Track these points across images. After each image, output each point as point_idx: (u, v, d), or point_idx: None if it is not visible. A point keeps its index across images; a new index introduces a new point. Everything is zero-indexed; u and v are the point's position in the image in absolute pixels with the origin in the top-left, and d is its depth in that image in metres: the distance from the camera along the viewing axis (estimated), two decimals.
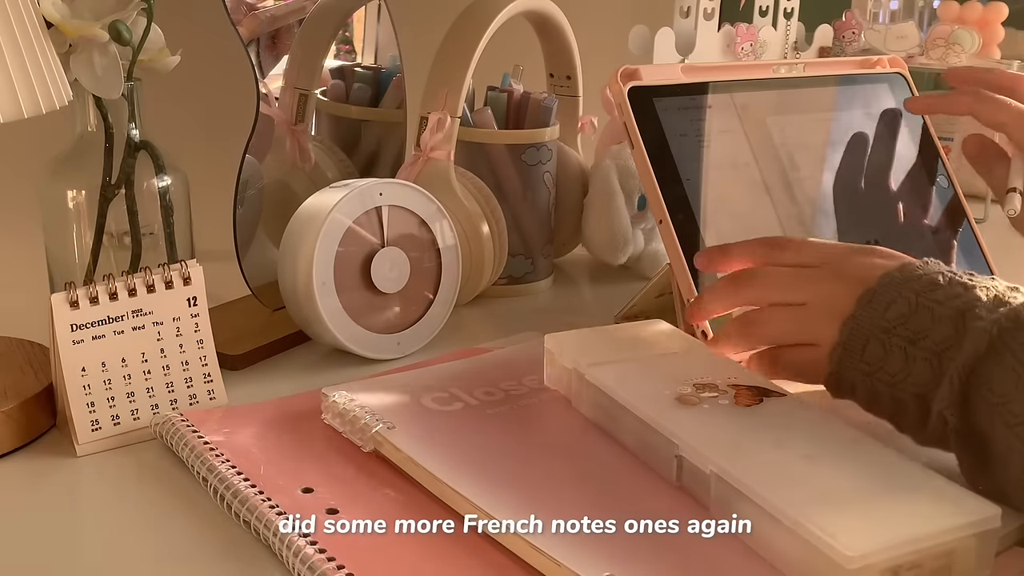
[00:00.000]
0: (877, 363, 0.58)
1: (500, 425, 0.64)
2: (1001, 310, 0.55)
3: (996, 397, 0.53)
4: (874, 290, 0.60)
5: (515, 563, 0.51)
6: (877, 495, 0.51)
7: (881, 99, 0.94)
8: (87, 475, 0.62)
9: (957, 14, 1.31)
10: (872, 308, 0.59)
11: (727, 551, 0.52)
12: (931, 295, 0.58)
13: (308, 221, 0.74)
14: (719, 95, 0.85)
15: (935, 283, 0.58)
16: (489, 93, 0.95)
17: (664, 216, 0.78)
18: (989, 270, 0.92)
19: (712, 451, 0.54)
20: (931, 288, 0.58)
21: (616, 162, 0.97)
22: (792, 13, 1.22)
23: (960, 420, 0.55)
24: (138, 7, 0.69)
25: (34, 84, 0.60)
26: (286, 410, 0.68)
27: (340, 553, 0.51)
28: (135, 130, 0.73)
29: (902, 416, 0.58)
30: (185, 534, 0.56)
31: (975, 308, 0.56)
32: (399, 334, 0.79)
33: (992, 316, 0.55)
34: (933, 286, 0.58)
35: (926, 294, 0.58)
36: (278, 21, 0.89)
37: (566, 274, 1.02)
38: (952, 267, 0.60)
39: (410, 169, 0.86)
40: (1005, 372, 0.53)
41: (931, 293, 0.58)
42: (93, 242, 0.73)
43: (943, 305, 0.57)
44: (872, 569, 0.46)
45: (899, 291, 0.59)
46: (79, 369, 0.63)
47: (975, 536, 0.49)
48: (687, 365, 0.64)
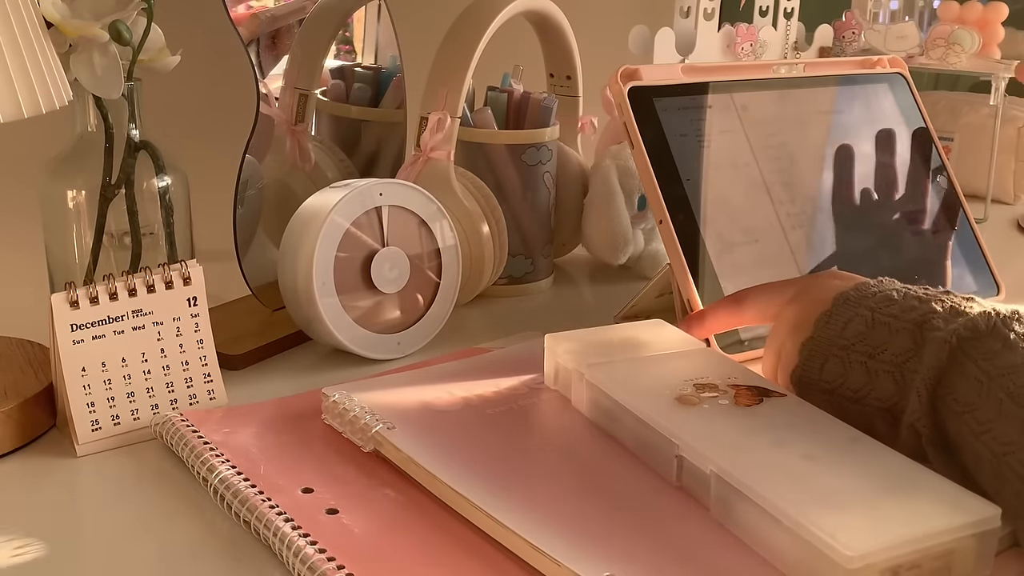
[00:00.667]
0: (838, 380, 0.60)
1: (500, 425, 0.64)
2: (959, 320, 0.56)
3: (960, 406, 0.54)
4: (830, 311, 0.61)
5: (515, 563, 0.51)
6: (877, 495, 0.51)
7: (881, 99, 0.94)
8: (87, 475, 0.62)
9: (957, 14, 1.30)
10: (829, 328, 0.61)
11: (727, 551, 0.52)
12: (887, 310, 0.59)
13: (308, 221, 0.74)
14: (719, 95, 0.86)
15: (890, 299, 0.60)
16: (489, 93, 0.95)
17: (664, 216, 0.79)
18: (989, 270, 0.92)
19: (712, 451, 0.54)
20: (886, 303, 0.59)
21: (616, 162, 0.97)
22: (792, 13, 1.22)
23: (932, 431, 0.56)
24: (138, 7, 0.69)
25: (34, 84, 0.60)
26: (286, 410, 0.68)
27: (340, 553, 0.51)
28: (135, 130, 0.73)
29: (871, 431, 0.58)
30: (185, 534, 0.56)
31: (932, 319, 0.57)
32: (399, 334, 0.79)
33: (950, 326, 0.56)
34: (888, 301, 0.60)
35: (882, 309, 0.59)
36: (278, 21, 0.89)
37: (566, 274, 1.02)
38: (906, 285, 0.62)
39: (410, 169, 0.86)
40: (968, 381, 0.54)
41: (887, 308, 0.59)
42: (93, 242, 0.73)
43: (899, 319, 0.58)
44: (872, 569, 0.46)
45: (855, 310, 0.60)
46: (79, 369, 0.63)
47: (975, 536, 0.49)
48: (687, 365, 0.64)
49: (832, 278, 0.66)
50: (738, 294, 0.71)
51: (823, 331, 0.61)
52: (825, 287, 0.64)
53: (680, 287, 0.78)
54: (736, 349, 0.76)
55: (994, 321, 0.55)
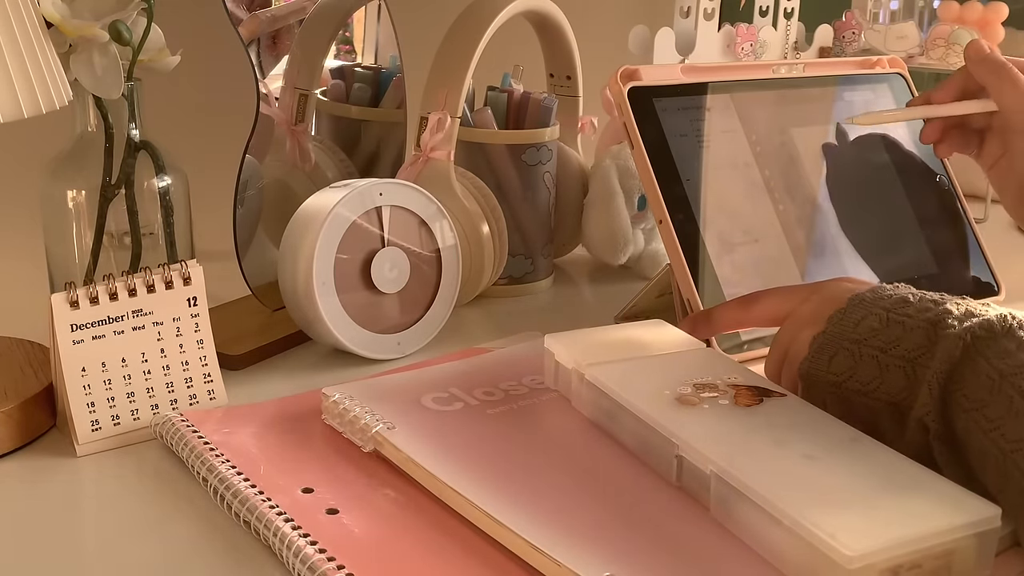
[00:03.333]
0: (846, 372, 0.60)
1: (500, 425, 0.64)
2: (973, 320, 0.56)
3: (970, 403, 0.54)
4: (844, 309, 0.62)
5: (515, 563, 0.51)
6: (877, 495, 0.51)
7: (881, 99, 0.94)
8: (87, 475, 0.62)
9: (957, 14, 1.31)
10: (842, 324, 0.61)
11: (727, 551, 0.52)
12: (902, 310, 0.60)
13: (308, 221, 0.74)
14: (719, 95, 0.86)
15: (906, 300, 0.60)
16: (489, 93, 0.95)
17: (664, 216, 0.79)
18: (989, 270, 0.92)
19: (712, 451, 0.54)
20: (902, 304, 0.60)
21: (616, 162, 0.97)
22: (792, 13, 1.23)
23: (940, 426, 0.56)
24: (138, 7, 0.69)
25: (34, 84, 0.60)
26: (286, 410, 0.68)
27: (340, 553, 0.51)
28: (135, 130, 0.73)
29: (876, 427, 0.58)
30: (185, 534, 0.56)
31: (947, 319, 0.57)
32: (399, 334, 0.79)
33: (964, 325, 0.56)
34: (904, 303, 0.60)
35: (897, 309, 0.60)
36: (278, 21, 0.89)
37: (566, 274, 1.02)
38: (922, 291, 0.62)
39: (410, 169, 0.86)
40: (980, 378, 0.54)
41: (902, 308, 0.60)
42: (93, 242, 0.73)
43: (914, 318, 0.59)
44: (872, 569, 0.46)
45: (869, 309, 0.61)
46: (79, 369, 0.63)
47: (975, 536, 0.49)
48: (687, 365, 0.64)
49: (846, 282, 0.67)
50: (750, 295, 0.71)
51: (836, 326, 0.61)
52: (840, 289, 0.65)
53: (680, 287, 0.78)
54: (736, 350, 0.76)
55: (1010, 323, 0.55)
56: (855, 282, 0.66)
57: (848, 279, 0.68)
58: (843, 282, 0.67)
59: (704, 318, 0.74)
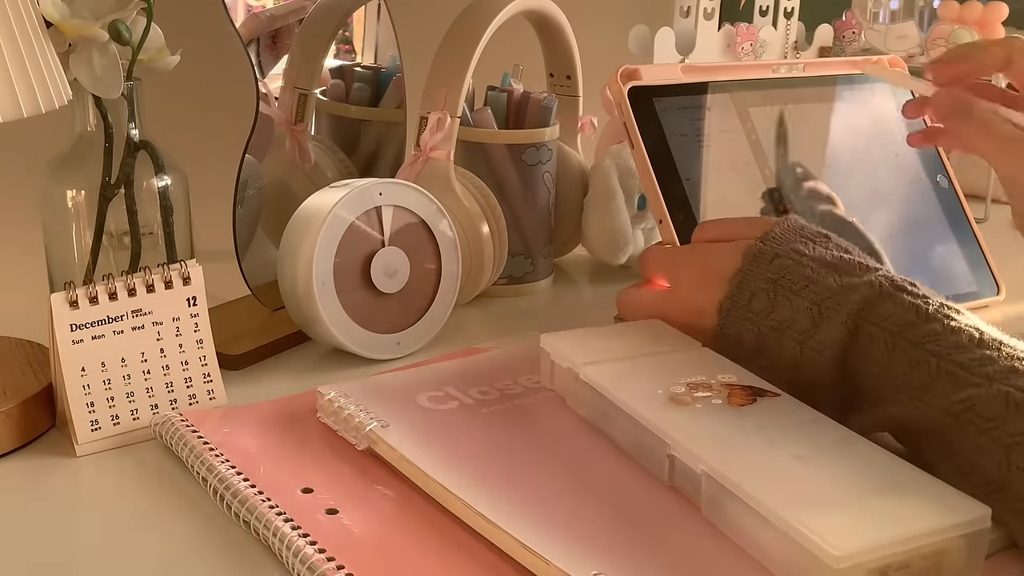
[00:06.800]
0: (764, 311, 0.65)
1: (494, 424, 0.64)
2: (879, 272, 0.63)
3: (890, 328, 0.61)
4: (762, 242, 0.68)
5: (507, 562, 0.52)
6: (866, 495, 0.51)
7: (881, 99, 0.94)
8: (87, 475, 0.63)
9: (957, 14, 1.30)
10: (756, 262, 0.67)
11: (717, 550, 0.52)
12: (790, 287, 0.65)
13: (308, 221, 0.75)
14: (719, 95, 0.86)
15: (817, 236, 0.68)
16: (489, 93, 0.96)
17: (664, 216, 0.79)
18: (989, 270, 0.92)
19: (703, 450, 0.55)
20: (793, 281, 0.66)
21: (616, 162, 0.97)
22: (792, 13, 1.23)
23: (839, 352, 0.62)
24: (138, 7, 0.69)
25: (34, 84, 0.60)
26: (286, 410, 0.68)
27: (340, 553, 0.52)
28: (135, 130, 0.73)
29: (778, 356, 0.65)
30: (185, 534, 0.56)
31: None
32: (399, 334, 0.79)
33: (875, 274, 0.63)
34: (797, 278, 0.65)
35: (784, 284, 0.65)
36: (278, 21, 0.90)
37: (566, 274, 1.02)
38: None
39: (410, 169, 0.87)
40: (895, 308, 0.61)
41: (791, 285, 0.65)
42: (93, 242, 0.74)
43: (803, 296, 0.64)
44: (859, 569, 0.46)
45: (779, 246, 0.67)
46: (79, 369, 0.64)
47: (965, 537, 0.49)
48: (682, 365, 0.65)
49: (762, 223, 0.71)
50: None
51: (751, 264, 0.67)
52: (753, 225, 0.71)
53: None
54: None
55: (888, 289, 0.62)
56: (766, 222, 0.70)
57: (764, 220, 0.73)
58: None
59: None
